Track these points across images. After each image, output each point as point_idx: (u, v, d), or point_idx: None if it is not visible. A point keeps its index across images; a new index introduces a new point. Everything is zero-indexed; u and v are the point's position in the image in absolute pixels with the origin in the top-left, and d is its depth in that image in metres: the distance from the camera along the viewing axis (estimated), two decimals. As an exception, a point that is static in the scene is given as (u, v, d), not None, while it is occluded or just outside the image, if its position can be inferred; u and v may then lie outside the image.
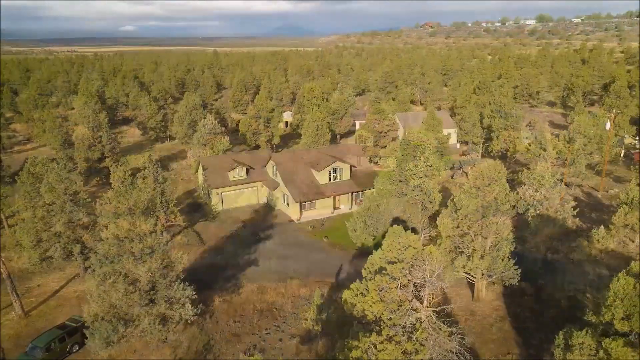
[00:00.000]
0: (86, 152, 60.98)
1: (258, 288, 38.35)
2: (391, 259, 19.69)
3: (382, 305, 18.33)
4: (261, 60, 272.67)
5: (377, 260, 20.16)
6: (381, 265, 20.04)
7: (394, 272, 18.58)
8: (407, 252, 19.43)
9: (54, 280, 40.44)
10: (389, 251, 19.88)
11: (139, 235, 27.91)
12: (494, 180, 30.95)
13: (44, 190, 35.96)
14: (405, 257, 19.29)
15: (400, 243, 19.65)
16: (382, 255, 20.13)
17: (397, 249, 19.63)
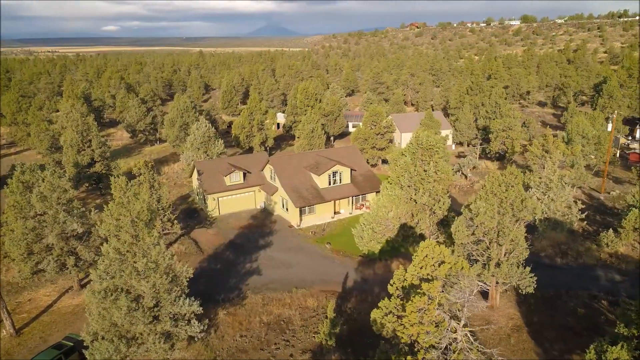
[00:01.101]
0: (75, 157, 58.56)
1: (263, 299, 36.80)
2: (424, 275, 18.42)
3: (419, 327, 17.07)
4: (247, 61, 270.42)
5: (409, 277, 18.87)
6: (412, 282, 18.76)
7: (431, 291, 17.33)
8: (441, 268, 18.19)
9: (45, 294, 38.31)
10: (421, 267, 18.60)
11: (142, 249, 26.17)
12: (511, 186, 29.90)
13: (35, 200, 33.87)
14: (439, 273, 18.05)
15: (433, 258, 18.40)
16: (415, 271, 18.84)
17: (431, 265, 18.38)
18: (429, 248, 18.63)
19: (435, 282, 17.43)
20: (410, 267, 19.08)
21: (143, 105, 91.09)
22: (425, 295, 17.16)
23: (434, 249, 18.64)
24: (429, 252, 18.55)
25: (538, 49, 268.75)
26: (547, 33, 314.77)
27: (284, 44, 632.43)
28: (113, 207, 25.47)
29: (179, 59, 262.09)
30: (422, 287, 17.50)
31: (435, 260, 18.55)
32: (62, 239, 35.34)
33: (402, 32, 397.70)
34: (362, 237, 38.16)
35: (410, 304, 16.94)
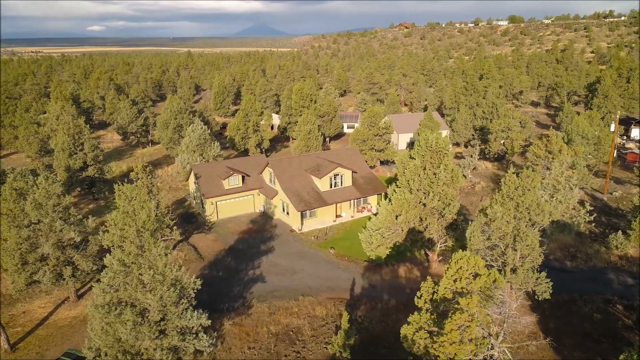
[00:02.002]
0: (66, 161, 56.63)
1: (269, 308, 35.55)
2: (457, 289, 17.41)
3: (460, 345, 16.05)
4: (237, 61, 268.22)
5: (441, 290, 17.83)
6: (445, 295, 17.73)
7: (470, 306, 16.32)
8: (476, 282, 17.18)
9: (40, 305, 36.58)
10: (455, 280, 17.58)
11: (148, 260, 24.79)
12: (527, 189, 29.07)
13: (30, 208, 32.21)
14: (474, 287, 17.06)
15: (467, 270, 17.40)
16: (448, 284, 17.81)
17: (465, 278, 17.37)
18: (463, 259, 17.61)
19: (474, 297, 16.44)
20: (443, 280, 18.04)
21: (134, 106, 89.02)
22: (466, 312, 16.13)
23: (468, 261, 17.63)
24: (463, 264, 17.54)
25: (526, 49, 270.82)
26: (534, 33, 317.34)
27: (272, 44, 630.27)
28: (118, 217, 24.07)
29: (167, 59, 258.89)
30: (460, 302, 16.49)
31: (470, 273, 17.56)
32: (58, 248, 33.73)
33: (391, 32, 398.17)
34: (370, 243, 37.07)
35: (450, 321, 15.90)
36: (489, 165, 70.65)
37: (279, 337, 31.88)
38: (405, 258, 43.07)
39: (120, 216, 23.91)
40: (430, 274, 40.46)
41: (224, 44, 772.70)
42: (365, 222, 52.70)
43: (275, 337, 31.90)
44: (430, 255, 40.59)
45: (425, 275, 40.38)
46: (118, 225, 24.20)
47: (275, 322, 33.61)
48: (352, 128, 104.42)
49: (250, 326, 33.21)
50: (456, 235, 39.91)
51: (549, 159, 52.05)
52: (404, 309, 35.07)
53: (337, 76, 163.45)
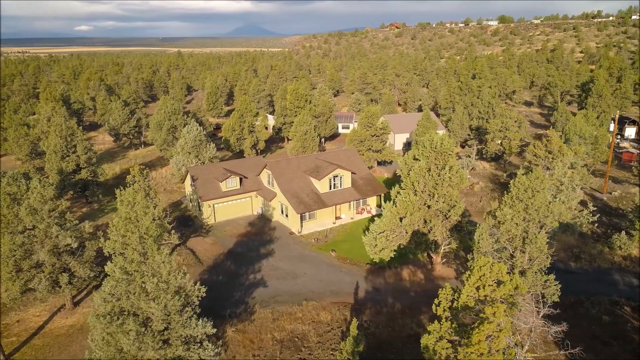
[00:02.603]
0: (59, 163, 55.29)
1: (272, 313, 34.75)
2: (480, 297, 16.81)
3: (487, 357, 15.43)
4: (227, 61, 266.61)
5: (463, 298, 17.23)
6: (467, 303, 17.12)
7: (497, 316, 15.71)
8: (500, 289, 16.60)
9: (35, 313, 35.40)
10: (478, 288, 16.97)
11: (151, 268, 23.89)
12: (537, 191, 28.62)
13: (25, 214, 31.09)
14: (497, 295, 16.48)
15: (490, 278, 16.82)
16: (470, 292, 17.21)
17: (489, 286, 16.79)
18: (486, 266, 17.02)
19: (500, 306, 15.85)
20: (465, 287, 17.43)
21: (126, 107, 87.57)
22: (494, 322, 15.53)
23: (491, 268, 17.05)
24: (486, 271, 16.96)
25: (516, 49, 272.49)
26: (524, 33, 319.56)
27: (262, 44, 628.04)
28: (119, 223, 23.13)
29: (157, 59, 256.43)
30: (485, 311, 15.90)
31: (493, 280, 16.98)
32: (54, 254, 32.64)
33: (382, 32, 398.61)
34: (374, 245, 36.44)
35: (478, 331, 15.29)
36: (487, 166, 70.46)
37: (284, 344, 31.12)
38: (407, 260, 42.53)
39: (122, 222, 22.97)
40: (434, 276, 40.00)
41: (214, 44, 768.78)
42: (365, 223, 52.31)
43: (280, 344, 31.15)
44: (434, 257, 40.08)
45: (429, 278, 39.99)
46: (120, 232, 23.26)
47: (279, 328, 32.83)
48: (347, 128, 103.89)
49: (254, 333, 32.40)
50: (460, 237, 39.51)
51: (549, 159, 51.87)
52: (410, 312, 34.58)
53: (329, 76, 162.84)
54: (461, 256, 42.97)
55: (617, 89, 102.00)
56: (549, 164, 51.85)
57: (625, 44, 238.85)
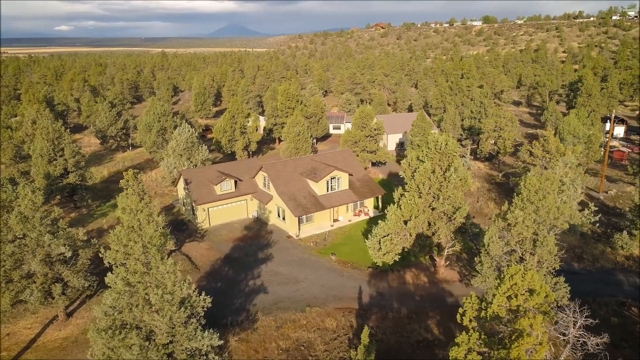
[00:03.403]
0: (46, 167, 53.37)
1: (275, 321, 33.69)
2: (512, 307, 16.08)
3: (526, 371, 14.72)
4: (213, 62, 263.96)
5: (495, 308, 16.46)
6: (499, 313, 16.36)
7: (534, 328, 14.98)
8: (533, 298, 15.89)
9: (26, 326, 33.75)
10: (510, 297, 16.23)
11: (155, 279, 22.69)
12: (547, 193, 28.12)
13: (15, 222, 29.54)
14: (530, 304, 15.77)
15: (523, 287, 16.11)
16: (501, 301, 16.46)
17: (522, 295, 16.08)
18: (518, 275, 16.30)
19: (538, 317, 15.13)
20: (496, 297, 16.67)
21: (113, 109, 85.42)
22: (534, 335, 14.81)
23: (523, 276, 16.33)
24: (518, 280, 16.24)
25: (501, 49, 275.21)
26: (508, 33, 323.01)
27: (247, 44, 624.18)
28: (122, 232, 21.89)
29: (141, 59, 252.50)
30: (521, 323, 15.18)
31: (525, 288, 16.28)
32: (46, 264, 31.11)
33: (367, 32, 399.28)
34: (378, 249, 35.63)
35: (517, 345, 14.54)
36: (481, 166, 70.33)
37: (289, 353, 30.11)
38: (410, 263, 41.84)
39: (124, 231, 21.73)
40: (438, 279, 39.37)
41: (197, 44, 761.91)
42: (364, 226, 51.59)
43: (285, 353, 30.12)
44: (438, 260, 39.45)
45: (433, 281, 39.33)
46: (122, 242, 22.01)
47: (284, 336, 31.79)
48: (338, 129, 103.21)
49: (258, 342, 31.32)
50: (463, 239, 38.98)
51: (547, 159, 51.78)
52: (416, 317, 33.86)
53: (317, 76, 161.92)
54: (463, 258, 42.47)
55: (603, 88, 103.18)
56: (546, 164, 51.77)
57: (606, 44, 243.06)
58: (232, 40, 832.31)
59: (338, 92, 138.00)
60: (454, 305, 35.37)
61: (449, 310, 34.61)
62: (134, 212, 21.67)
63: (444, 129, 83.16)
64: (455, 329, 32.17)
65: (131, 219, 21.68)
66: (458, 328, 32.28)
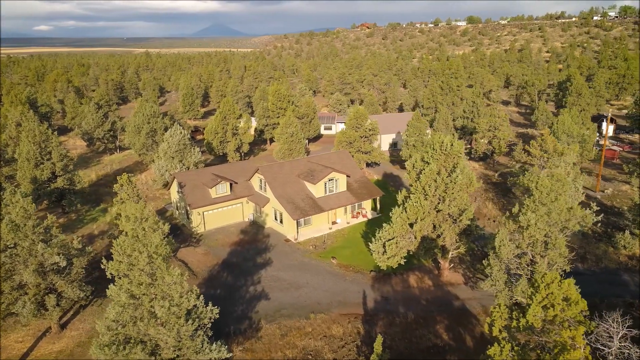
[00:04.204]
0: (32, 172, 51.41)
1: (279, 329, 32.66)
2: (549, 317, 15.38)
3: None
4: (198, 62, 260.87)
5: (530, 318, 15.74)
6: (534, 324, 15.63)
7: (577, 340, 14.28)
8: (571, 309, 15.21)
9: (17, 339, 32.10)
10: (546, 307, 15.52)
11: (161, 290, 21.51)
12: (559, 194, 27.63)
13: (6, 231, 27.99)
14: (568, 315, 15.09)
15: (559, 296, 15.41)
16: (537, 312, 15.74)
17: (558, 305, 15.37)
18: (554, 283, 15.61)
19: (580, 328, 14.45)
20: (532, 306, 15.93)
21: (99, 110, 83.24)
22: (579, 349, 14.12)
23: (560, 284, 15.64)
24: (554, 289, 15.54)
25: (485, 49, 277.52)
26: (492, 33, 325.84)
27: (231, 44, 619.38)
28: (126, 242, 20.65)
29: (124, 60, 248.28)
30: (562, 335, 14.46)
31: (561, 298, 15.59)
32: (39, 274, 29.58)
33: (353, 32, 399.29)
34: (383, 252, 34.83)
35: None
36: (476, 165, 70.13)
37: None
38: (413, 266, 41.13)
39: (129, 241, 20.50)
40: (443, 282, 38.73)
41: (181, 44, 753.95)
42: (362, 228, 50.80)
43: (293, 363, 29.12)
44: (442, 263, 38.82)
45: (438, 284, 38.66)
46: (126, 252, 20.78)
47: (289, 345, 30.79)
48: (329, 129, 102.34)
49: (263, 351, 30.26)
50: (468, 241, 38.44)
51: (544, 159, 51.61)
52: (424, 322, 33.15)
53: (305, 76, 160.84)
54: (466, 260, 41.94)
55: (590, 87, 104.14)
56: (544, 163, 51.61)
57: (589, 44, 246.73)
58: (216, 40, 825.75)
59: (327, 93, 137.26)
60: (461, 309, 34.83)
61: (456, 314, 34.03)
62: (138, 220, 20.45)
63: (436, 129, 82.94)
64: (465, 334, 31.56)
65: (136, 228, 20.47)
66: (468, 333, 31.71)
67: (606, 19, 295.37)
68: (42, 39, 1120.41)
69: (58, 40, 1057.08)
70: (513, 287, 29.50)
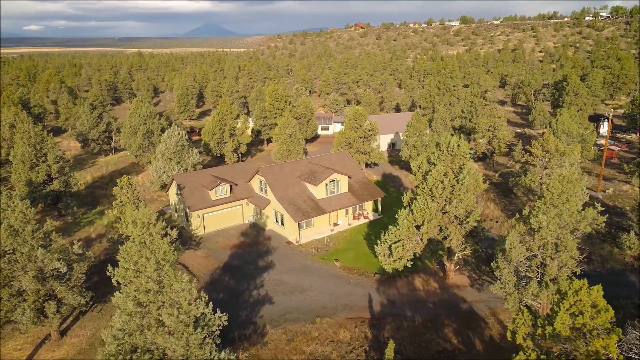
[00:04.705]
0: (27, 174, 50.38)
1: (285, 334, 32.06)
2: (578, 325, 14.92)
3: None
4: (191, 62, 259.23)
5: (558, 326, 15.28)
6: (561, 332, 15.16)
7: (610, 350, 13.84)
8: (601, 316, 14.77)
9: (15, 347, 31.22)
10: (574, 314, 15.06)
11: (169, 298, 20.82)
12: (570, 196, 27.27)
13: (5, 236, 27.13)
14: (597, 322, 14.66)
15: (588, 303, 14.96)
16: (565, 319, 15.27)
17: (587, 312, 14.93)
18: (583, 290, 15.16)
19: (613, 337, 14.01)
20: (560, 314, 15.47)
21: (94, 111, 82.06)
22: (612, 359, 13.67)
23: (589, 291, 15.20)
24: (583, 295, 15.09)
25: (479, 49, 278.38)
26: (485, 33, 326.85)
27: (223, 44, 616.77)
28: (133, 249, 19.94)
29: (117, 60, 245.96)
30: (595, 344, 14.02)
31: (589, 305, 15.16)
32: (38, 280, 28.74)
33: (347, 32, 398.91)
34: (389, 255, 34.32)
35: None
36: (475, 166, 69.86)
37: (305, 369, 28.52)
38: (417, 268, 40.66)
39: (136, 247, 19.80)
40: (449, 285, 38.30)
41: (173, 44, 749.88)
42: (364, 229, 50.29)
43: (301, 369, 28.52)
44: (447, 265, 38.39)
45: (444, 287, 38.22)
46: (132, 258, 20.07)
47: (296, 350, 30.19)
48: (326, 130, 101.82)
49: (270, 357, 29.65)
50: (474, 243, 38.05)
51: (547, 159, 51.40)
52: (432, 326, 32.66)
53: (300, 76, 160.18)
54: (471, 262, 41.56)
55: (586, 87, 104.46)
56: (546, 164, 51.41)
57: (581, 44, 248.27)
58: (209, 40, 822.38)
59: (323, 93, 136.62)
60: (468, 312, 34.40)
61: (464, 317, 33.59)
62: (146, 225, 19.75)
63: (435, 129, 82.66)
64: (475, 338, 31.13)
65: (143, 234, 19.77)
66: (477, 337, 31.27)
67: (598, 19, 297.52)
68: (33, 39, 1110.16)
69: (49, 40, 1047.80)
70: (523, 290, 29.09)
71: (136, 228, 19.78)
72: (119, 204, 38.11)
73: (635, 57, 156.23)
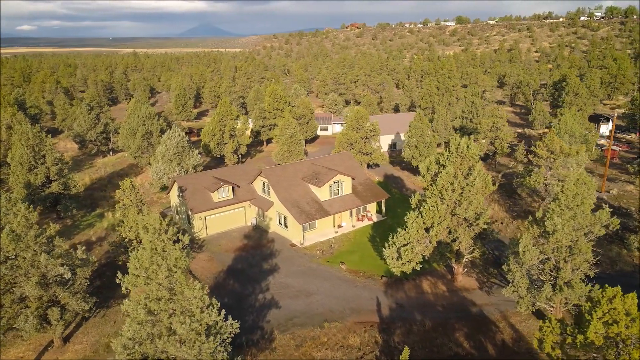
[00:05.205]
0: (26, 176, 49.50)
1: (293, 339, 31.46)
2: (612, 334, 14.48)
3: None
4: (187, 62, 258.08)
5: (591, 335, 14.81)
6: (595, 341, 14.71)
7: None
8: (635, 325, 14.30)
9: (18, 354, 30.46)
10: (607, 323, 14.61)
11: (181, 306, 20.19)
12: (585, 198, 26.86)
13: (7, 241, 26.38)
14: (632, 331, 14.21)
15: (622, 312, 14.52)
16: (598, 328, 14.81)
17: (622, 320, 14.48)
18: (618, 298, 14.71)
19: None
20: (592, 323, 15.01)
21: (91, 112, 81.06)
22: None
23: (623, 300, 14.73)
24: (618, 304, 14.64)
25: (475, 49, 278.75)
26: (481, 34, 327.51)
27: (219, 44, 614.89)
28: (144, 255, 19.29)
29: (112, 60, 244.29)
30: (633, 354, 13.56)
31: (623, 313, 14.71)
32: (41, 286, 27.99)
33: (342, 32, 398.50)
34: (398, 258, 33.81)
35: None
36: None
37: (316, 376, 27.94)
38: (424, 271, 40.11)
39: (147, 254, 19.15)
40: (457, 288, 37.84)
41: (168, 44, 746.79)
42: (368, 231, 49.76)
43: (311, 376, 27.94)
44: (456, 267, 37.92)
45: (452, 290, 37.74)
46: (143, 265, 19.42)
47: (305, 356, 29.60)
48: (325, 130, 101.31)
49: (279, 364, 29.03)
50: (483, 245, 37.62)
51: (551, 159, 51.06)
52: (443, 330, 32.16)
53: (298, 77, 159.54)
54: (479, 264, 41.12)
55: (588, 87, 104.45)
56: (551, 164, 51.08)
57: (577, 44, 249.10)
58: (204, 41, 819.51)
59: (321, 93, 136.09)
60: (479, 316, 33.92)
61: (475, 321, 33.11)
62: (157, 231, 19.11)
63: (435, 130, 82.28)
64: (486, 342, 30.67)
65: (154, 240, 19.12)
66: (489, 341, 30.81)
67: (593, 20, 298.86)
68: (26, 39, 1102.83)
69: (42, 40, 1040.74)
70: (536, 293, 28.67)
71: (147, 234, 19.13)
72: (121, 207, 37.36)
73: (631, 57, 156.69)
